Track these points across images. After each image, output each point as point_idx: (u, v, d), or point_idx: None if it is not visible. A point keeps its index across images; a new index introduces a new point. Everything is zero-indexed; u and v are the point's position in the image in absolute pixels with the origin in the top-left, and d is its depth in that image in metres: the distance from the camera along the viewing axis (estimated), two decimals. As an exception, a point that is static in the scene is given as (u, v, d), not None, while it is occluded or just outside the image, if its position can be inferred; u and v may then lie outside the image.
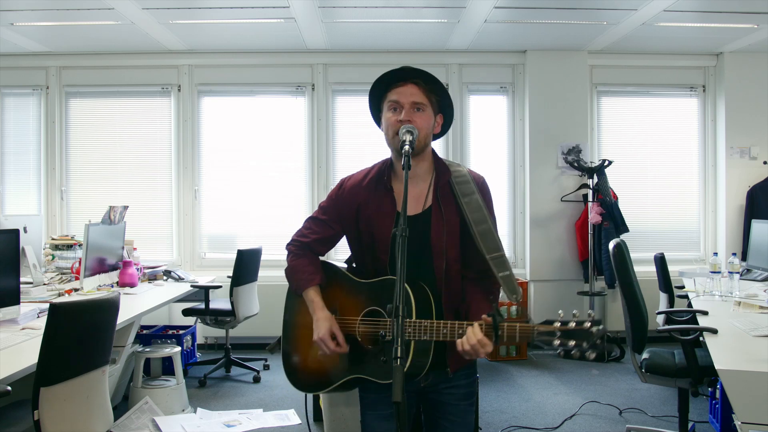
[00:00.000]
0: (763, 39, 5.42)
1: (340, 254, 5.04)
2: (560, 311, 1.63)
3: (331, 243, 2.05)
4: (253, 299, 5.03)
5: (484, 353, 1.64)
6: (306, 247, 2.01)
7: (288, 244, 2.06)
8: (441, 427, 1.95)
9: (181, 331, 5.04)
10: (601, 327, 1.56)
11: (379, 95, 1.90)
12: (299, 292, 1.97)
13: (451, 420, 1.93)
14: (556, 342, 1.57)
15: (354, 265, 2.03)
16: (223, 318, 4.87)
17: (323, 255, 2.05)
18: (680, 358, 3.18)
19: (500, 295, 1.90)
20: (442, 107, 1.91)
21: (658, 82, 6.14)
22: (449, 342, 1.73)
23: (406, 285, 1.59)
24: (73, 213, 6.01)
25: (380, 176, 1.92)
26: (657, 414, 4.00)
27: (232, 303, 4.75)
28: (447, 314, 1.83)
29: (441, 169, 1.91)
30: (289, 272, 2.02)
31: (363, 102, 2.00)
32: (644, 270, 4.75)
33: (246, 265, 4.85)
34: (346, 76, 6.01)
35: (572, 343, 1.56)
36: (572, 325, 1.57)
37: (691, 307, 3.57)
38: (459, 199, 1.87)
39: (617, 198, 5.78)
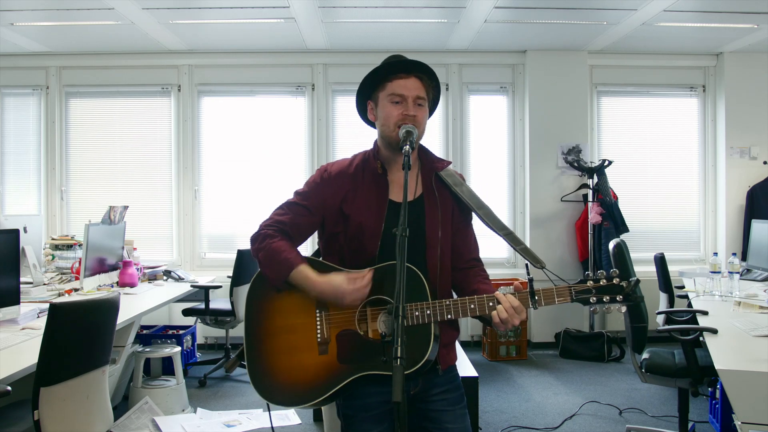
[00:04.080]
0: (763, 39, 5.42)
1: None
2: (587, 272, 1.71)
3: (307, 234, 1.85)
4: (253, 299, 5.02)
5: (519, 321, 1.67)
6: (284, 232, 1.79)
7: (261, 229, 1.80)
8: None
9: (181, 331, 5.04)
10: (631, 279, 1.67)
11: (374, 84, 1.85)
12: (288, 271, 1.73)
13: (448, 428, 1.81)
14: (593, 299, 1.67)
15: (321, 259, 1.85)
16: (223, 318, 4.87)
17: (297, 247, 1.83)
18: (680, 358, 3.18)
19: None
20: (434, 102, 1.90)
21: (658, 82, 6.14)
22: (441, 336, 1.73)
23: (416, 269, 1.70)
24: (73, 213, 6.01)
25: (368, 164, 1.87)
26: (657, 414, 4.00)
27: (232, 303, 4.75)
28: None
29: (429, 157, 1.90)
30: (269, 255, 1.75)
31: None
32: (644, 270, 4.77)
33: (246, 265, 4.85)
34: (346, 76, 6.00)
35: (607, 297, 1.66)
36: (603, 281, 1.68)
37: (691, 307, 3.56)
38: (452, 188, 1.86)
39: (617, 198, 5.78)
